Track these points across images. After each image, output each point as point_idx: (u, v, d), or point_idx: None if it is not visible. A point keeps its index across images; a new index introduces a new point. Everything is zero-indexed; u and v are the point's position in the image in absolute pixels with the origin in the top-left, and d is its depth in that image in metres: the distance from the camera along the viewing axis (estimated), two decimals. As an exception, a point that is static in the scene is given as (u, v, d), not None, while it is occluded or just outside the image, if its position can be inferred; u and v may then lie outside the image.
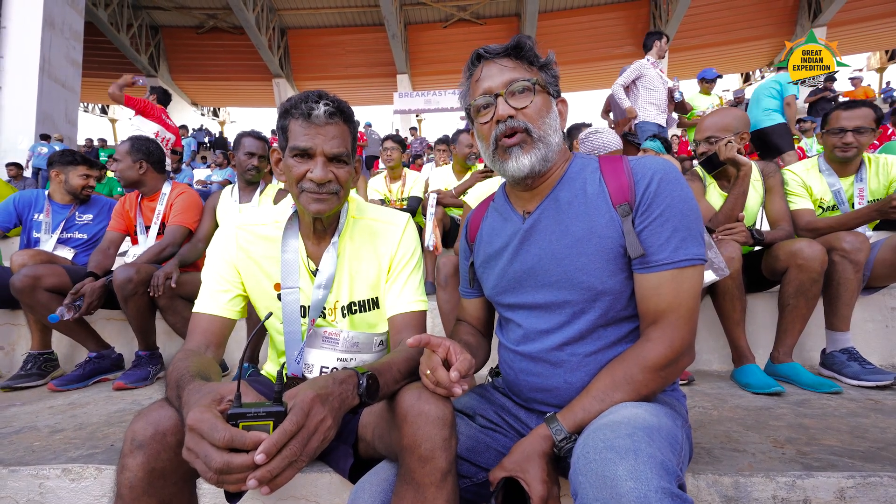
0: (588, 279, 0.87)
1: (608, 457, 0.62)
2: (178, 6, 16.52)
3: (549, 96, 0.94)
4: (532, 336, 0.94)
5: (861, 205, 2.00)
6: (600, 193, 0.90)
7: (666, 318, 0.83)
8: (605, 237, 0.87)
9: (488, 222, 1.07)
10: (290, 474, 0.64)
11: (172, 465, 0.76)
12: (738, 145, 1.87)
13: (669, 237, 0.83)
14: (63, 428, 1.47)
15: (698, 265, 0.84)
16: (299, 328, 1.09)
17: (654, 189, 0.85)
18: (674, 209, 0.84)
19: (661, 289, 0.84)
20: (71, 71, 8.65)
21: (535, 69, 0.93)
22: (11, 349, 2.41)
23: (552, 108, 0.94)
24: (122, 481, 0.74)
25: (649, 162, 0.89)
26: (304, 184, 0.99)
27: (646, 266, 0.85)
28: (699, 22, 15.77)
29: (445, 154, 4.78)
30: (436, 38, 17.57)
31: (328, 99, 1.00)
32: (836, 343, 1.83)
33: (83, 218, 2.52)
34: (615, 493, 0.58)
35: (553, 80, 0.95)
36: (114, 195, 6.39)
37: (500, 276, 0.98)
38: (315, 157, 0.98)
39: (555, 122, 0.93)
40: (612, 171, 0.91)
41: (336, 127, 1.00)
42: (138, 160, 2.28)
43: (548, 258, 0.91)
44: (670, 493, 0.58)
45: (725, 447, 1.17)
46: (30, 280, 1.93)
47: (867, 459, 1.07)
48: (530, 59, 0.93)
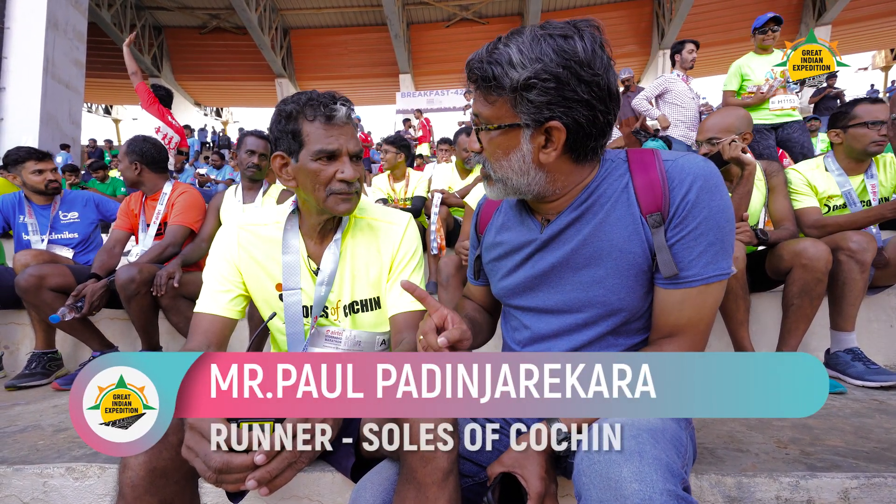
0: (604, 294, 0.83)
1: (612, 458, 0.61)
2: (181, 6, 16.56)
3: (518, 130, 0.77)
4: (539, 340, 0.92)
5: (875, 201, 1.98)
6: (626, 201, 0.81)
7: (684, 333, 0.80)
8: (627, 251, 0.80)
9: (501, 217, 1.01)
10: (289, 475, 0.65)
11: (174, 464, 0.76)
12: (742, 145, 1.86)
13: (703, 252, 0.77)
14: (67, 427, 1.48)
15: (724, 280, 0.79)
16: (302, 328, 1.09)
17: (693, 198, 0.76)
18: (711, 222, 0.76)
19: (685, 305, 0.79)
20: (74, 71, 8.68)
21: (502, 97, 0.75)
22: (16, 348, 2.42)
23: (519, 145, 0.77)
24: (124, 480, 0.74)
25: (688, 165, 0.79)
26: (333, 185, 0.99)
27: (674, 283, 0.79)
28: (703, 21, 15.70)
29: (448, 154, 4.78)
30: (438, 37, 17.56)
31: (342, 99, 1.00)
32: (840, 343, 1.82)
33: (68, 216, 2.51)
34: (619, 494, 0.58)
35: (532, 104, 0.74)
36: (117, 195, 6.41)
37: (511, 277, 0.95)
38: (341, 157, 0.99)
39: (519, 163, 0.79)
40: (643, 172, 0.81)
41: (351, 126, 1.02)
42: (133, 161, 2.28)
43: (563, 268, 0.86)
44: (675, 496, 0.57)
45: (729, 447, 1.17)
46: (35, 279, 1.94)
47: (871, 460, 1.06)
48: (493, 87, 0.75)
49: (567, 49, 0.72)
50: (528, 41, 0.73)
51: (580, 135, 0.77)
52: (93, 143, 12.47)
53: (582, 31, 0.74)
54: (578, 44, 0.73)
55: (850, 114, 1.97)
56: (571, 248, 0.85)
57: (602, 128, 0.78)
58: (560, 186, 0.83)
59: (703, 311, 0.80)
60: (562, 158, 0.80)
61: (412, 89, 17.34)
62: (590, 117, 0.76)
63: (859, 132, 1.94)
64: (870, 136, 1.92)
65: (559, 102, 0.73)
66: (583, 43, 0.73)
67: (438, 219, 2.87)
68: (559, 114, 0.74)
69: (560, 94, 0.73)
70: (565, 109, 0.74)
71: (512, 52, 0.73)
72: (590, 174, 0.85)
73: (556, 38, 0.73)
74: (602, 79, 0.74)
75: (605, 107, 0.76)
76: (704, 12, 15.38)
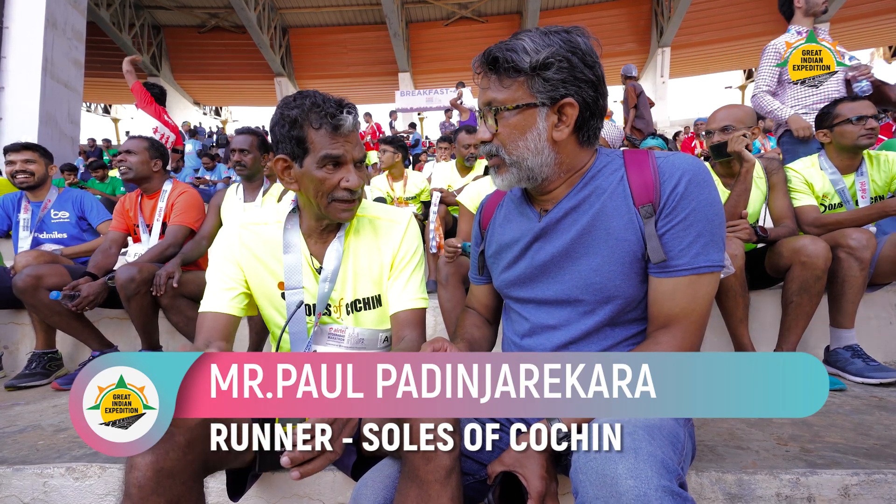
0: (602, 281, 0.85)
1: (608, 455, 0.62)
2: (180, 6, 16.54)
3: (534, 109, 0.84)
4: (538, 331, 0.93)
5: (864, 199, 1.99)
6: (622, 193, 0.86)
7: (678, 323, 0.82)
8: (623, 240, 0.84)
9: (503, 212, 1.05)
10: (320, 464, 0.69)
11: (181, 465, 0.76)
12: (748, 140, 1.88)
13: (692, 242, 0.81)
14: (67, 427, 1.48)
15: (716, 272, 0.82)
16: (305, 327, 1.09)
17: (682, 191, 0.81)
18: (699, 213, 0.81)
19: (677, 294, 0.82)
20: (73, 71, 8.65)
21: (518, 80, 0.84)
22: (16, 348, 2.42)
23: (535, 123, 0.85)
24: (131, 480, 0.74)
25: (678, 160, 0.85)
26: (337, 193, 1.00)
27: (664, 270, 0.82)
28: (701, 18, 15.70)
29: (447, 153, 4.78)
30: (437, 36, 17.54)
31: (348, 106, 1.00)
32: (840, 340, 1.83)
33: (59, 215, 2.52)
34: (615, 491, 0.58)
35: (547, 83, 0.83)
36: (116, 195, 6.39)
37: (511, 269, 0.97)
38: (346, 165, 0.99)
39: (535, 142, 0.85)
40: (637, 168, 0.87)
41: (356, 133, 1.02)
42: (155, 158, 2.32)
43: (562, 257, 0.89)
44: (670, 492, 0.57)
45: (729, 444, 1.17)
46: (32, 280, 1.95)
47: (871, 457, 1.07)
48: (510, 70, 0.84)
49: (571, 40, 0.83)
50: (536, 35, 0.84)
51: (587, 114, 0.86)
52: (92, 143, 12.46)
53: (579, 30, 0.86)
54: (579, 38, 0.84)
55: (832, 113, 2.03)
56: (570, 238, 0.88)
57: (602, 110, 0.88)
58: (564, 170, 0.90)
59: (696, 302, 0.82)
60: (570, 138, 0.88)
61: (411, 88, 17.32)
62: (594, 98, 0.86)
63: (846, 129, 1.99)
64: (856, 132, 1.97)
65: (571, 81, 0.83)
66: (581, 38, 0.85)
67: (437, 217, 2.87)
68: (572, 91, 0.83)
69: (572, 73, 0.83)
70: (577, 88, 0.83)
71: (525, 42, 0.83)
72: (587, 162, 0.92)
73: (560, 33, 0.84)
74: (599, 67, 0.86)
75: (604, 90, 0.88)
76: (703, 10, 15.37)
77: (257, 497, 1.10)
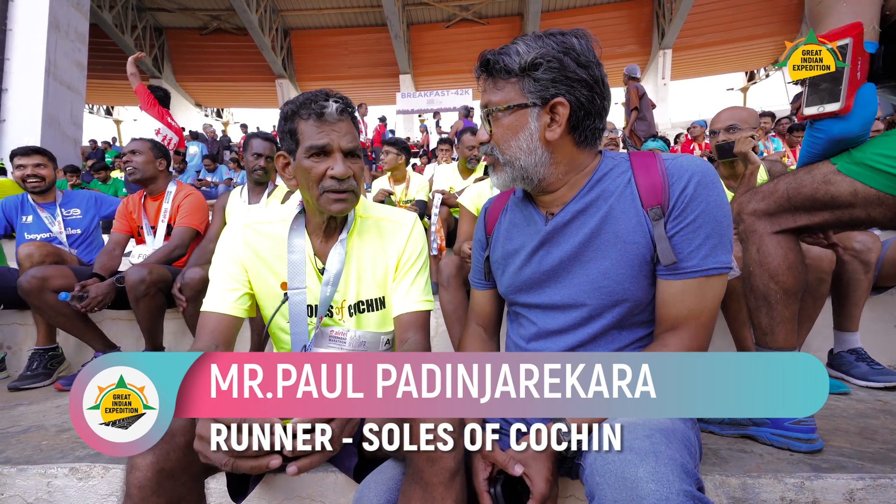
0: (611, 284, 0.85)
1: (628, 458, 0.61)
2: (182, 8, 16.60)
3: (525, 109, 0.86)
4: (544, 335, 0.93)
5: None
6: (629, 195, 0.86)
7: (686, 325, 0.82)
8: (631, 242, 0.84)
9: (507, 217, 1.04)
10: (317, 459, 0.68)
11: (182, 465, 0.76)
12: (755, 142, 1.89)
13: (701, 244, 0.81)
14: (70, 427, 1.48)
15: (724, 273, 0.82)
16: (306, 328, 1.08)
17: (691, 192, 0.81)
18: (708, 215, 0.81)
19: (685, 296, 0.82)
20: (76, 73, 8.68)
21: (511, 81, 0.86)
22: (19, 349, 2.43)
23: (527, 123, 0.86)
24: (132, 481, 0.74)
25: (686, 162, 0.85)
26: (325, 183, 0.99)
27: (673, 272, 0.82)
28: (703, 20, 15.68)
29: (448, 155, 4.78)
30: (438, 38, 17.56)
31: (336, 96, 1.00)
32: (844, 343, 1.81)
33: (71, 213, 2.55)
34: (636, 494, 0.58)
35: (537, 83, 0.84)
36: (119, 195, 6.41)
37: (518, 275, 0.96)
38: (333, 154, 0.99)
39: (527, 142, 0.86)
40: (644, 170, 0.87)
41: (346, 123, 1.01)
42: (159, 157, 2.35)
43: (570, 261, 0.89)
44: (692, 496, 0.57)
45: (733, 448, 1.16)
46: (37, 281, 1.95)
47: (877, 461, 1.06)
48: (503, 72, 0.86)
49: (565, 41, 0.84)
50: (531, 38, 0.85)
51: (581, 113, 0.85)
52: (94, 144, 12.50)
53: (576, 33, 0.86)
54: (574, 40, 0.85)
55: None
56: (579, 241, 0.87)
57: (600, 110, 0.87)
58: (563, 171, 0.89)
59: (704, 303, 0.82)
60: (565, 139, 0.87)
61: (412, 90, 17.33)
62: (589, 97, 0.85)
63: None
64: None
65: (562, 81, 0.83)
66: (577, 40, 0.85)
67: (439, 219, 2.87)
68: (563, 91, 0.84)
69: (563, 73, 0.83)
70: (568, 87, 0.84)
71: (519, 45, 0.85)
72: (591, 164, 0.91)
73: (555, 35, 0.85)
74: (596, 67, 0.85)
75: (601, 90, 0.86)
76: (705, 12, 15.36)
77: (259, 498, 1.10)
